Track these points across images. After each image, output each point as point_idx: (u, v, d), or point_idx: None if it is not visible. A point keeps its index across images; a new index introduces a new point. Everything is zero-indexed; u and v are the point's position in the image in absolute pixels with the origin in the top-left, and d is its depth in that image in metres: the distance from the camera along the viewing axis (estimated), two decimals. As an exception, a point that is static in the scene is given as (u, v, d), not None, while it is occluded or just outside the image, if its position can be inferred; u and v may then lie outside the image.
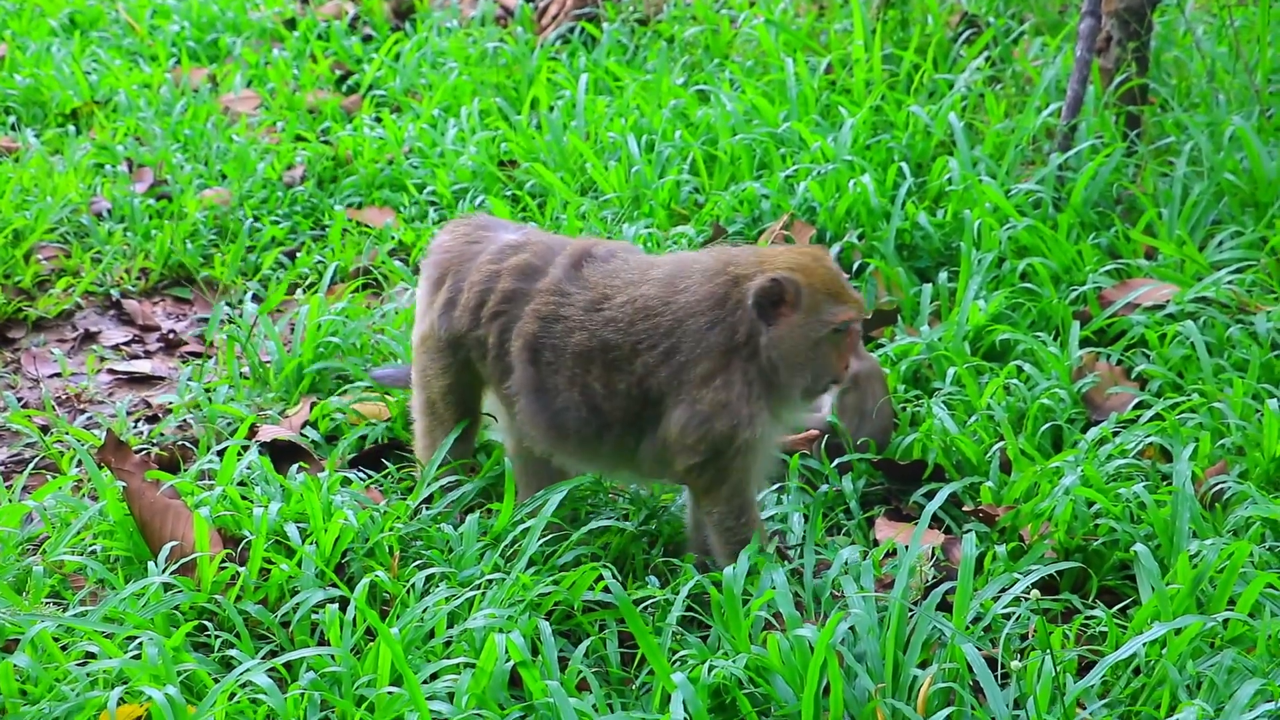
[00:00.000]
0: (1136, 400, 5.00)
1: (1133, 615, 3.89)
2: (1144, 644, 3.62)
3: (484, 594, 4.04)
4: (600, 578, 4.05)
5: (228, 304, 6.26)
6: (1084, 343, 5.40)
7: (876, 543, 4.46)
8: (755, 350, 4.08)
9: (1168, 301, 5.45)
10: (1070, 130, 6.46)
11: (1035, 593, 3.38)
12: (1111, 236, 5.97)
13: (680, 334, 4.11)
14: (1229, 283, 5.52)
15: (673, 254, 4.49)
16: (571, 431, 4.27)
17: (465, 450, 4.62)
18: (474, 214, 4.74)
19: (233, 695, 3.61)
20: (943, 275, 5.77)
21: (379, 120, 7.81)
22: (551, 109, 7.51)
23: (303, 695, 3.62)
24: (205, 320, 6.18)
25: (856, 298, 4.13)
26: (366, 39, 9.17)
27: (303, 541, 4.25)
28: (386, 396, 5.25)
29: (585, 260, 4.33)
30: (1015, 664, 3.29)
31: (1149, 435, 4.71)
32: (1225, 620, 3.75)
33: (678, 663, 3.74)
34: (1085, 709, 3.54)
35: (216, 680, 3.66)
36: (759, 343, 4.07)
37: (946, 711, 3.49)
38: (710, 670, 3.59)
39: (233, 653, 3.85)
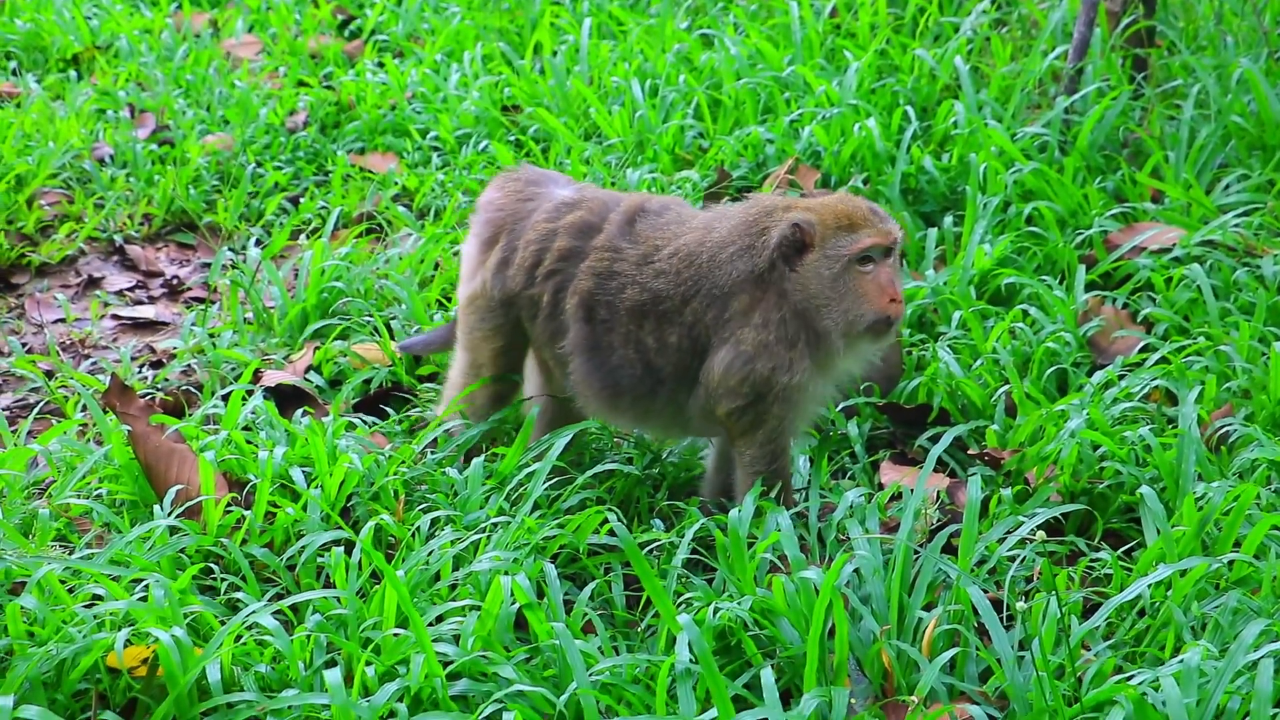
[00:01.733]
0: (1142, 344, 4.99)
1: (1138, 558, 3.89)
2: (1149, 586, 3.63)
3: (489, 537, 4.04)
4: (605, 521, 4.06)
5: (231, 250, 6.25)
6: (1089, 286, 5.39)
7: (882, 486, 4.47)
8: (784, 293, 4.06)
9: (1174, 245, 5.43)
10: (1076, 73, 6.42)
11: (1040, 534, 3.37)
12: (1118, 180, 5.94)
13: (715, 267, 4.11)
14: (1235, 226, 5.50)
15: (717, 206, 4.46)
16: (626, 390, 4.24)
17: (502, 407, 4.54)
18: (521, 167, 4.65)
19: (239, 637, 3.62)
20: (948, 219, 5.75)
21: (381, 65, 7.76)
22: (555, 54, 7.47)
23: (309, 637, 3.63)
24: (208, 266, 6.17)
25: (881, 226, 4.04)
26: (368, -17, 9.11)
27: (308, 485, 4.25)
28: (391, 341, 5.24)
29: (639, 215, 4.29)
30: (1020, 605, 3.29)
31: (1154, 379, 4.70)
32: (1230, 562, 3.76)
33: (683, 605, 3.75)
34: (1090, 650, 3.54)
35: (223, 622, 3.67)
36: (786, 287, 4.05)
37: (951, 653, 3.50)
38: (715, 612, 3.60)
39: (239, 595, 3.86)
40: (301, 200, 6.60)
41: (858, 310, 4.03)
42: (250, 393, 4.84)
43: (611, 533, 4.02)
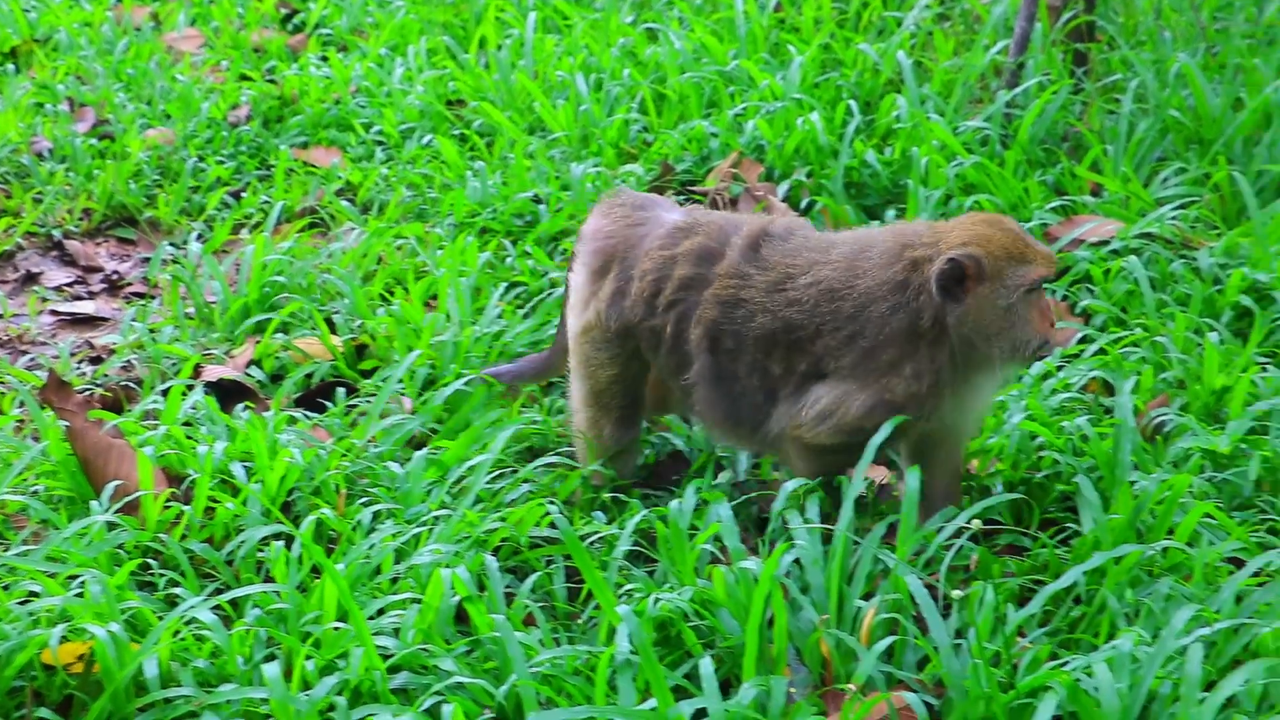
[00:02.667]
0: (1080, 335, 5.03)
1: (1074, 545, 3.93)
2: (1084, 573, 3.66)
3: (431, 531, 4.04)
4: (547, 513, 4.06)
5: (171, 244, 6.21)
6: (1029, 279, 5.42)
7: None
8: (944, 331, 3.91)
9: (1112, 237, 5.47)
10: (1018, 68, 6.46)
11: (976, 522, 3.40)
12: (1058, 173, 5.98)
13: (864, 319, 3.94)
14: (1173, 219, 5.55)
15: (850, 232, 4.30)
16: (746, 418, 4.12)
17: (634, 435, 4.40)
18: (619, 191, 4.47)
19: (177, 632, 3.61)
20: (890, 213, 5.77)
21: (325, 59, 7.74)
22: (500, 48, 7.46)
23: (248, 632, 3.62)
24: (149, 261, 6.13)
25: (1044, 252, 3.93)
26: (312, -23, 9.07)
27: (248, 480, 4.23)
28: (332, 337, 5.22)
29: (763, 240, 4.12)
30: (956, 593, 3.32)
31: (1093, 369, 4.74)
32: (1164, 549, 3.80)
33: (624, 597, 3.75)
34: (1026, 637, 3.57)
35: (161, 618, 3.65)
36: (947, 323, 3.90)
37: (889, 640, 3.52)
38: (655, 603, 3.61)
39: (177, 590, 3.84)
40: (244, 195, 6.57)
41: (1025, 338, 3.91)
42: (190, 388, 4.82)
43: (553, 525, 4.03)
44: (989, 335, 3.91)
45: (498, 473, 4.32)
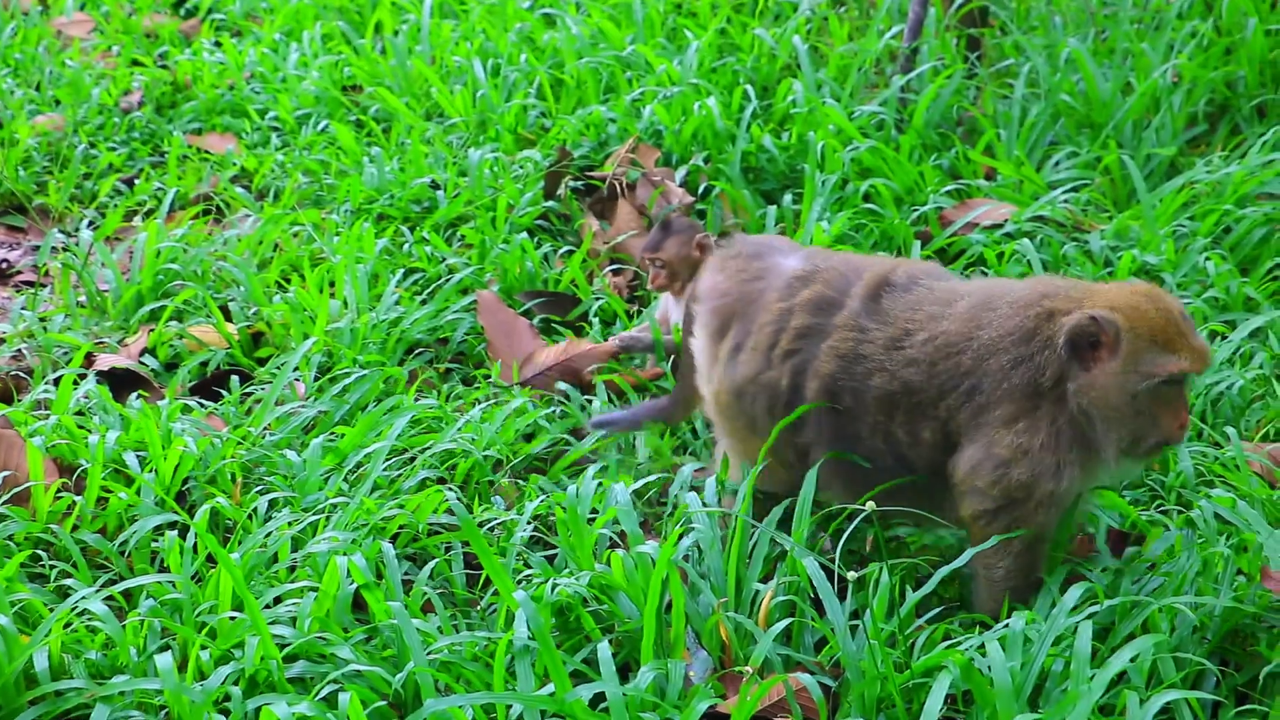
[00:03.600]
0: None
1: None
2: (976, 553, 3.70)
3: (328, 519, 4.01)
4: (445, 500, 4.05)
5: (62, 232, 6.11)
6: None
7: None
8: (1064, 395, 3.56)
9: (1006, 220, 5.54)
10: (912, 53, 6.51)
11: (871, 504, 3.43)
12: (952, 158, 6.04)
13: (981, 373, 3.61)
14: (1065, 202, 5.63)
15: (983, 281, 3.94)
16: (875, 484, 3.74)
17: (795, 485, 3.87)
18: (734, 239, 4.14)
19: (68, 624, 3.56)
20: (787, 197, 5.80)
21: (219, 44, 7.64)
22: (396, 33, 7.41)
23: (141, 622, 3.57)
24: (39, 249, 6.02)
25: (1196, 346, 3.52)
26: (205, -39, 8.95)
27: (141, 470, 4.18)
28: (227, 325, 5.16)
29: (884, 290, 3.80)
30: (851, 575, 3.35)
31: (986, 352, 4.79)
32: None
33: (523, 582, 3.75)
34: (921, 617, 3.61)
35: (52, 610, 3.60)
36: (1067, 388, 3.56)
37: (786, 622, 3.55)
38: (554, 589, 3.61)
39: (69, 582, 3.79)
40: (136, 182, 6.48)
41: (1143, 433, 3.56)
42: (83, 377, 4.75)
43: (450, 512, 4.01)
44: (1106, 418, 3.54)
45: (395, 459, 4.30)
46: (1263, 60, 6.35)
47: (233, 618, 3.56)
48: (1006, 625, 3.36)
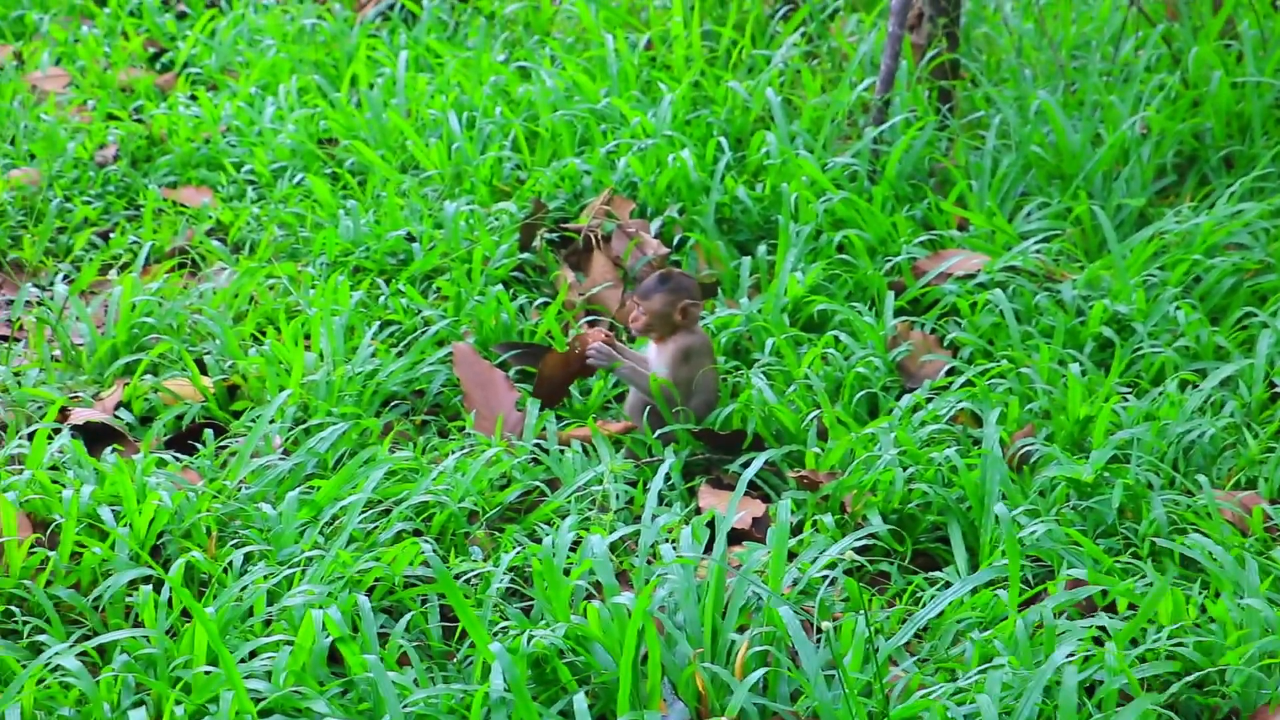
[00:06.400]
0: (948, 367, 5.12)
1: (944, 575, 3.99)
2: (948, 603, 3.71)
3: (304, 571, 4.01)
4: (421, 552, 4.04)
5: (37, 286, 6.11)
6: (899, 312, 5.50)
7: (700, 511, 4.51)
8: None
9: (978, 271, 5.58)
10: (884, 104, 6.57)
11: (849, 553, 3.44)
12: (925, 208, 6.09)
13: None
14: (1036, 252, 5.67)
15: None
16: None
17: None
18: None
19: (41, 680, 3.54)
20: (761, 248, 5.84)
21: (194, 98, 7.66)
22: (371, 86, 7.44)
23: (115, 678, 3.56)
24: (12, 303, 6.01)
25: None
26: (181, 16, 8.98)
27: (116, 524, 4.17)
28: (203, 378, 5.16)
29: None
30: (826, 624, 3.36)
31: (961, 401, 4.83)
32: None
33: (499, 634, 3.75)
34: (898, 665, 3.62)
35: (25, 666, 3.58)
36: None
37: (762, 672, 3.55)
38: (530, 640, 3.61)
39: (42, 638, 3.77)
40: (112, 235, 6.48)
41: None
42: (57, 431, 4.74)
43: (426, 564, 4.01)
44: None
45: (371, 511, 4.29)
46: (1229, 112, 6.43)
47: (208, 672, 3.55)
48: (981, 671, 3.37)
